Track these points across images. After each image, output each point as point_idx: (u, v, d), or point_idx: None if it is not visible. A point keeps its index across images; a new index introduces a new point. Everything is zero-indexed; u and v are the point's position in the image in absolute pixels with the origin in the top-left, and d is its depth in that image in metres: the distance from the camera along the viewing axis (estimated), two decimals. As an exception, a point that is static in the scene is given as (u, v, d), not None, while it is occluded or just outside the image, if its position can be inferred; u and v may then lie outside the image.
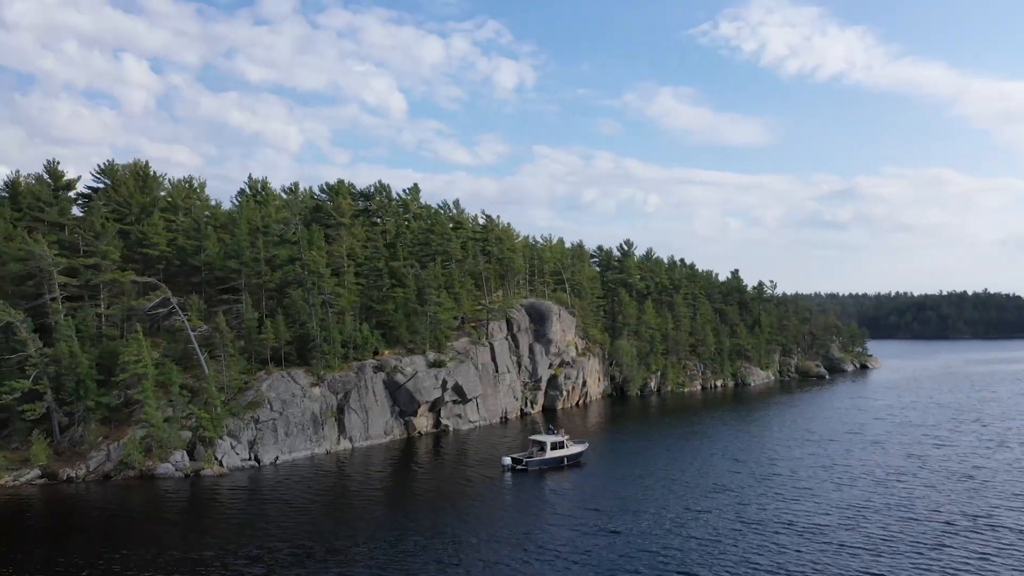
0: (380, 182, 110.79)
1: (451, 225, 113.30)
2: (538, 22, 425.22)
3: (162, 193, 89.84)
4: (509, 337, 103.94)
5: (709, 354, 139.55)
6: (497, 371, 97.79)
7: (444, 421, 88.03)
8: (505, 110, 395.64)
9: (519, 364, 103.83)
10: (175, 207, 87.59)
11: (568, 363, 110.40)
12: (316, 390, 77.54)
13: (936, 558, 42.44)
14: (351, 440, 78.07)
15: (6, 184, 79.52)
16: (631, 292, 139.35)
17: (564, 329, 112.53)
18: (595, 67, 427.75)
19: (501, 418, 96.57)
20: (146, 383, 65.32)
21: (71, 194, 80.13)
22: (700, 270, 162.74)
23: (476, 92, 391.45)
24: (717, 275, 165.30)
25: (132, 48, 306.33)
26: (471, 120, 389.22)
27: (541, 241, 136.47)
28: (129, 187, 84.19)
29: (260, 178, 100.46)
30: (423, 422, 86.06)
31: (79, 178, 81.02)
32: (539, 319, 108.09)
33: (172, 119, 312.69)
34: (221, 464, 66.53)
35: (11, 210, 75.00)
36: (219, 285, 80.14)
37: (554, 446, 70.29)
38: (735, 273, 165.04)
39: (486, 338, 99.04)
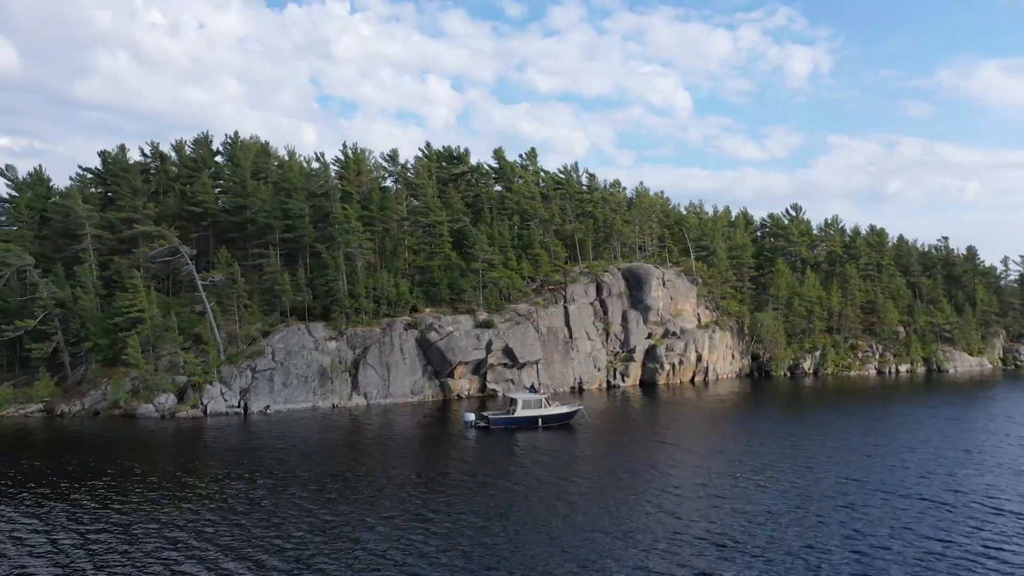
0: (500, 151, 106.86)
1: (549, 185, 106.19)
2: (834, 3, 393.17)
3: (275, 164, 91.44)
4: (597, 302, 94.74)
5: (888, 333, 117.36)
6: (571, 337, 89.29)
7: (492, 385, 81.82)
8: (797, 100, 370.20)
9: (606, 332, 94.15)
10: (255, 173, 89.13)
11: (674, 334, 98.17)
12: (332, 344, 75.62)
13: None
14: (366, 397, 74.98)
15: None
16: (796, 261, 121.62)
17: (673, 297, 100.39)
18: (900, 45, 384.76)
19: (573, 388, 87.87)
20: (141, 327, 67.46)
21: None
22: (898, 238, 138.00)
23: (765, 83, 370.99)
24: (921, 243, 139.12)
25: (436, 69, 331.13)
26: (760, 113, 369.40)
27: (683, 208, 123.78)
28: (237, 158, 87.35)
29: (353, 144, 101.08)
30: (462, 384, 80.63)
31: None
32: (636, 284, 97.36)
33: (469, 132, 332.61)
34: (203, 408, 66.76)
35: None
36: (256, 240, 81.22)
37: (528, 404, 62.00)
38: (944, 241, 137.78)
39: (563, 302, 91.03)
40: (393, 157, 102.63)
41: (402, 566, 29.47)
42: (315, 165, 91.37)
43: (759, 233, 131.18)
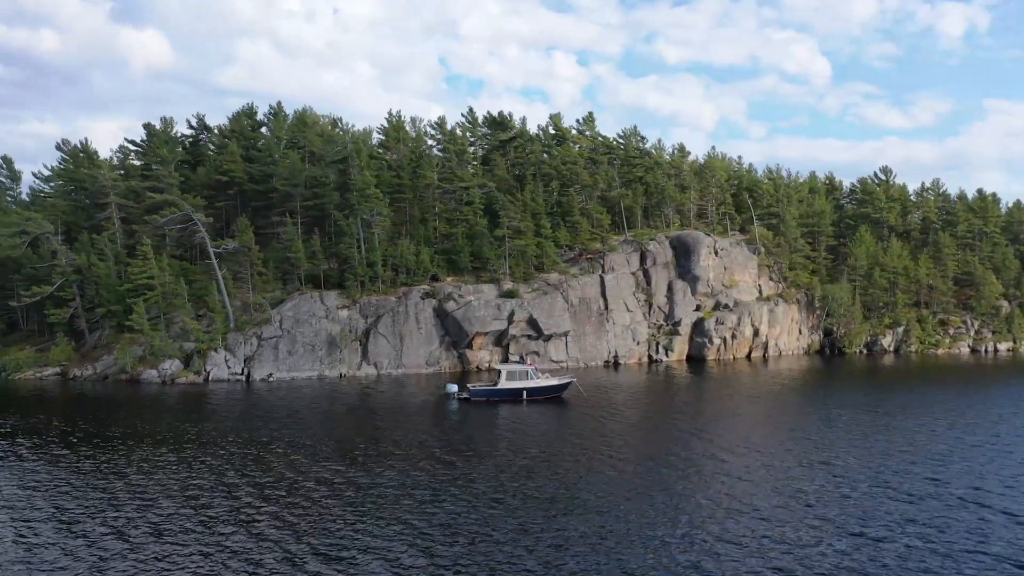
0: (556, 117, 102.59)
1: (601, 151, 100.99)
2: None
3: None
4: (640, 272, 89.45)
5: (988, 308, 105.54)
6: (607, 308, 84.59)
7: (514, 358, 78.50)
8: (949, 62, 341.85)
9: (649, 304, 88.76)
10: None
11: (726, 306, 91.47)
12: (344, 312, 74.44)
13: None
14: (376, 367, 73.45)
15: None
16: (884, 230, 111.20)
17: (727, 267, 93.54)
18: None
19: (607, 362, 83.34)
20: (151, 294, 68.38)
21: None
22: (1014, 203, 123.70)
23: (913, 46, 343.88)
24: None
25: (562, 45, 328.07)
26: (905, 78, 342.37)
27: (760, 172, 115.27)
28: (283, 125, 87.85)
29: (397, 112, 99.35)
30: (482, 356, 77.79)
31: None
32: (684, 253, 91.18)
33: (595, 106, 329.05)
34: (205, 375, 67.06)
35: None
36: (278, 208, 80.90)
37: (512, 376, 58.50)
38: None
39: (600, 271, 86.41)
40: (440, 124, 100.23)
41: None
42: (360, 132, 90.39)
43: (845, 201, 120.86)
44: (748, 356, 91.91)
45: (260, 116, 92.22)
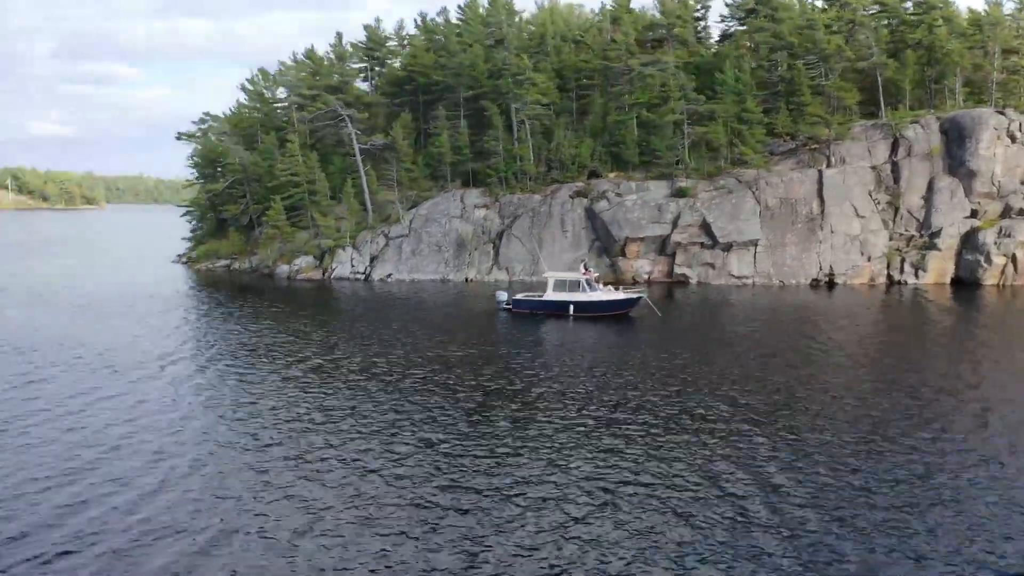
0: None
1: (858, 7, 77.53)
2: None
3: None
4: (888, 165, 67.76)
5: None
6: (822, 212, 65.65)
7: (683, 270, 65.17)
8: None
9: (895, 208, 66.95)
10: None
11: (1021, 212, 65.24)
12: (480, 212, 67.97)
13: None
14: (508, 272, 66.07)
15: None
16: None
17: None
18: None
19: (816, 281, 64.98)
20: (295, 191, 69.30)
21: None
22: None
23: None
24: None
25: None
26: None
27: None
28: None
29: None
30: (640, 266, 65.63)
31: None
32: (958, 138, 66.33)
33: None
34: (328, 272, 66.36)
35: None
36: (442, 101, 75.93)
37: (560, 286, 47.35)
38: None
39: (825, 164, 67.36)
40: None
41: None
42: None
43: None
44: (1060, 283, 64.92)
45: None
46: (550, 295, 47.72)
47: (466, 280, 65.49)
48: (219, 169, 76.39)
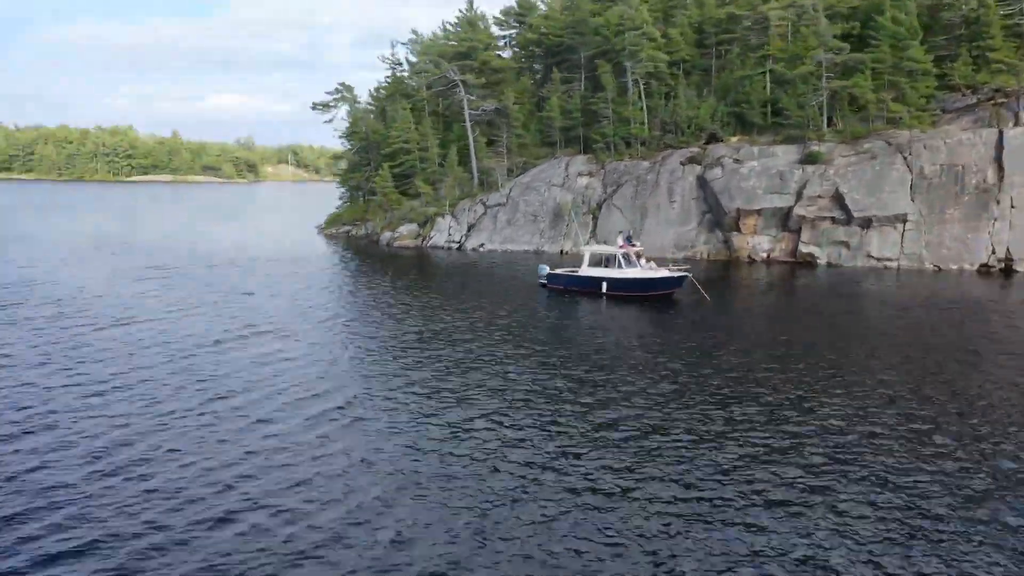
0: None
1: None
2: None
3: None
4: (1103, 124, 52.79)
5: None
6: (1000, 181, 52.56)
7: (809, 248, 55.52)
8: None
9: (1107, 177, 51.90)
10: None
11: None
12: (583, 180, 62.63)
13: None
14: (607, 244, 60.05)
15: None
16: None
17: None
18: None
19: (986, 266, 52.12)
20: (406, 158, 68.58)
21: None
22: None
23: None
24: None
25: None
26: None
27: None
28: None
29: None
30: (757, 243, 56.74)
31: None
32: None
33: None
34: (422, 240, 64.71)
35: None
36: (564, 63, 70.87)
37: (597, 260, 41.47)
38: None
39: (1013, 122, 54.11)
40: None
41: None
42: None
43: None
44: None
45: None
46: (585, 270, 41.97)
47: (561, 252, 60.57)
48: (349, 139, 77.60)
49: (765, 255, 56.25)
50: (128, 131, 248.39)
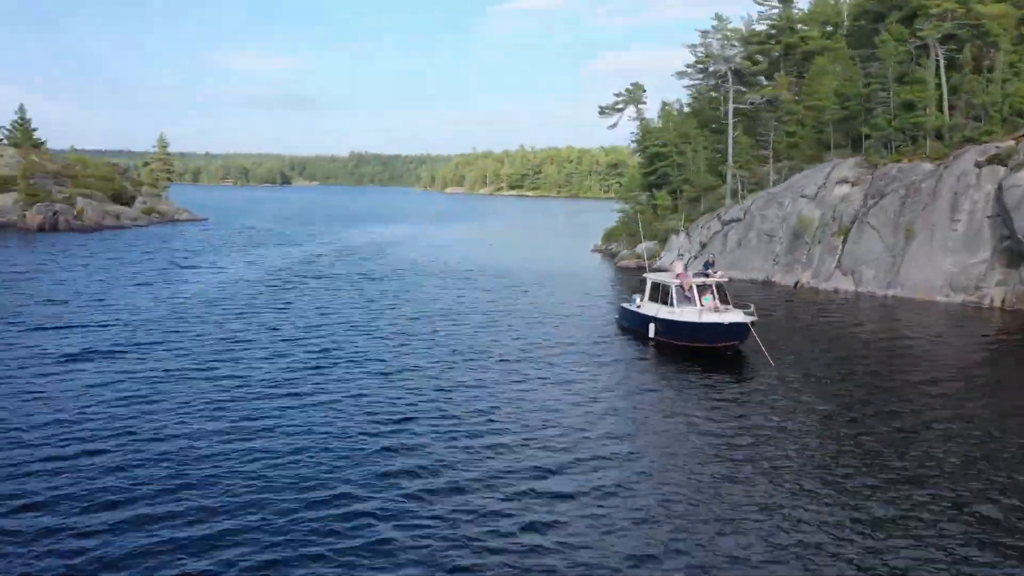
0: None
1: None
2: None
3: None
4: None
5: None
6: None
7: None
8: None
9: None
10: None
11: None
12: (842, 189, 46.78)
13: None
14: (855, 279, 43.76)
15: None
16: None
17: None
18: None
19: None
20: (661, 164, 60.01)
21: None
22: None
23: None
24: None
25: None
26: None
27: None
28: None
29: None
30: (1080, 290, 35.88)
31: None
32: None
33: None
34: (650, 259, 55.03)
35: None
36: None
37: (655, 293, 29.53)
38: None
39: None
40: None
41: None
42: None
43: None
44: None
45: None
46: (645, 309, 30.36)
47: (795, 285, 45.89)
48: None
49: (1095, 309, 35.02)
50: (623, 149, 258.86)
